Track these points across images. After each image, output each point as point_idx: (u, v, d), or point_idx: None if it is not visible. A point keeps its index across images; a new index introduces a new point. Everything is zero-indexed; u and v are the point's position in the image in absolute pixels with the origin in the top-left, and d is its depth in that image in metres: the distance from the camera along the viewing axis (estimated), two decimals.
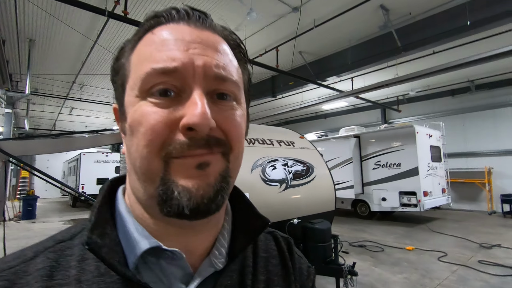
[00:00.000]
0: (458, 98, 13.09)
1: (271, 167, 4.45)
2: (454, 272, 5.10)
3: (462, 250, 6.46)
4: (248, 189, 3.92)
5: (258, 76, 11.46)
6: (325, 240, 3.95)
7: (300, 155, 5.15)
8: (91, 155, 15.74)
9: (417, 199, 9.16)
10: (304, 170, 4.94)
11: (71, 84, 12.23)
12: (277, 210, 4.25)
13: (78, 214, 13.72)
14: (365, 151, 10.81)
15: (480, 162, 12.35)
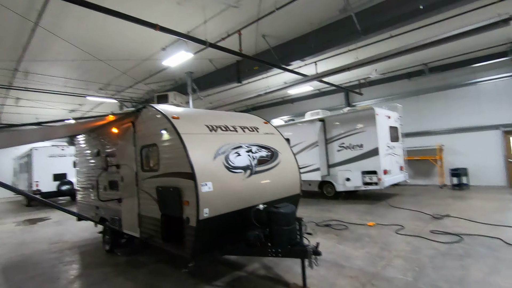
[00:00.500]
0: (414, 81, 13.84)
1: (235, 154, 4.37)
2: (409, 243, 5.50)
3: (416, 222, 6.98)
4: (210, 177, 3.83)
5: (222, 61, 11.15)
6: (290, 223, 4.00)
7: (264, 140, 5.12)
8: (44, 149, 14.52)
9: (378, 177, 9.68)
10: (268, 155, 4.93)
11: (13, 71, 10.99)
12: (243, 197, 4.22)
13: (34, 214, 12.74)
14: (329, 134, 11.12)
15: (433, 140, 13.33)
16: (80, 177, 7.64)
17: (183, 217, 3.83)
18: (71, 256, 6.05)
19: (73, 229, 8.81)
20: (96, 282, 4.56)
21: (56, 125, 8.27)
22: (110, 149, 5.87)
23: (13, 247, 7.08)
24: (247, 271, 4.65)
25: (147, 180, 4.63)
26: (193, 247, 3.70)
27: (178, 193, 3.85)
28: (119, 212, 5.49)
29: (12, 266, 5.66)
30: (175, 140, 3.95)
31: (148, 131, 4.61)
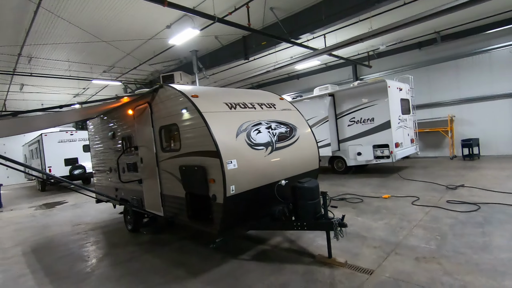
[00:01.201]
0: (425, 51, 13.42)
1: (255, 131, 4.34)
2: (427, 213, 5.56)
3: (431, 193, 7.03)
4: (234, 155, 3.82)
5: (228, 37, 10.84)
6: (314, 197, 4.04)
7: (282, 116, 5.06)
8: (53, 135, 14.58)
9: (390, 150, 9.66)
10: (287, 131, 4.89)
11: (16, 56, 10.81)
12: (265, 174, 4.23)
13: (50, 198, 13.04)
14: (340, 109, 10.98)
15: (443, 112, 13.14)
16: (95, 160, 7.71)
17: (209, 194, 3.87)
18: (96, 237, 6.24)
19: (92, 211, 9.03)
20: (124, 260, 4.72)
21: (69, 109, 8.15)
22: (127, 131, 5.86)
23: (38, 230, 7.31)
24: (271, 245, 4.77)
25: (168, 160, 4.65)
26: (221, 223, 3.77)
27: (203, 172, 3.87)
28: (140, 192, 5.57)
29: (40, 248, 5.86)
30: (197, 119, 3.91)
31: (167, 111, 4.56)
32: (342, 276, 3.52)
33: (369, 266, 3.71)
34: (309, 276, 3.60)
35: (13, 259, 5.31)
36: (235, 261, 4.27)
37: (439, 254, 3.84)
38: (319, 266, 3.85)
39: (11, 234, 7.22)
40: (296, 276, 3.65)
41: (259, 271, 3.87)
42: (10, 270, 4.80)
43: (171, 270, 4.19)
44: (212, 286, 3.60)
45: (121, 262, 4.65)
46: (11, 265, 5.03)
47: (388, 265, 3.70)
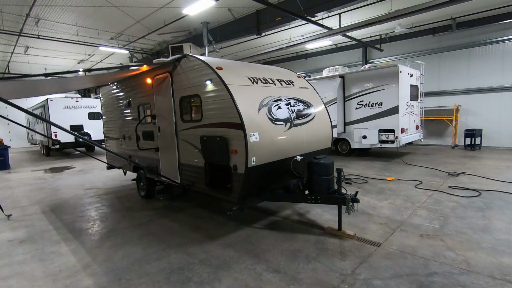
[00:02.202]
0: (438, 37, 13.23)
1: (276, 106, 4.45)
2: (430, 196, 5.83)
3: (433, 178, 7.29)
4: (257, 128, 3.96)
5: (241, 10, 10.61)
6: (329, 173, 4.24)
7: (300, 94, 5.15)
8: (59, 100, 14.53)
9: (395, 135, 9.83)
10: (305, 109, 5.00)
11: (24, 17, 10.57)
12: (284, 148, 4.39)
13: (56, 163, 13.26)
14: (348, 91, 11.00)
15: (450, 100, 13.20)
16: (107, 127, 7.82)
17: (230, 165, 4.05)
18: (110, 201, 6.49)
19: (101, 177, 9.27)
20: (143, 223, 4.97)
21: (83, 75, 8.11)
22: (144, 100, 5.93)
23: (51, 192, 7.55)
24: (281, 217, 5.03)
25: (188, 130, 4.78)
26: (240, 192, 3.97)
27: (225, 143, 4.02)
28: (156, 161, 5.74)
29: (57, 208, 6.11)
30: (222, 91, 3.99)
31: (189, 82, 4.63)
32: (352, 247, 3.79)
33: (376, 239, 3.98)
34: (321, 245, 3.86)
35: (34, 216, 5.57)
36: (249, 229, 4.53)
37: (442, 233, 4.10)
38: (329, 237, 4.11)
39: (26, 194, 7.46)
40: (308, 244, 3.92)
41: (273, 238, 4.14)
42: (33, 225, 5.06)
43: (188, 233, 4.45)
44: (230, 248, 3.87)
45: (140, 224, 4.90)
46: (33, 221, 5.29)
47: (394, 239, 3.96)
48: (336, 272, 3.20)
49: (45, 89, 7.20)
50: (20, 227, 4.99)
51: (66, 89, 9.65)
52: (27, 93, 7.61)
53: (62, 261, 3.70)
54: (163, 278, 3.18)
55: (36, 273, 3.42)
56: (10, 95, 6.67)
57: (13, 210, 6.01)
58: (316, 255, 3.60)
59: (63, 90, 10.29)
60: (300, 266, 3.34)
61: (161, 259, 3.63)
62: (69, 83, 7.46)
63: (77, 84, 7.94)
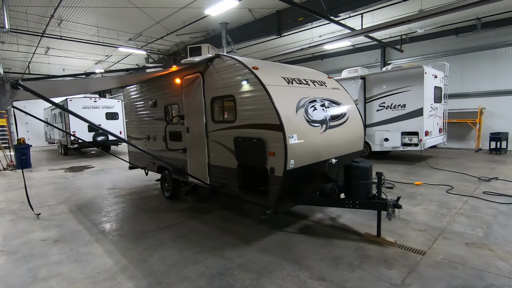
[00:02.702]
0: (462, 38, 12.87)
1: (311, 107, 4.33)
2: (465, 202, 5.59)
3: (464, 183, 7.02)
4: (295, 129, 3.84)
5: (261, 10, 10.53)
6: (368, 177, 4.09)
7: (333, 95, 5.01)
8: (78, 100, 14.75)
9: (419, 138, 9.56)
10: (338, 110, 4.86)
11: (48, 18, 10.74)
12: (319, 151, 4.27)
13: (75, 162, 13.43)
14: (369, 93, 10.77)
15: (473, 103, 12.80)
16: (131, 127, 7.83)
17: (266, 167, 3.94)
18: (134, 201, 6.47)
19: (122, 177, 9.30)
20: (172, 225, 4.91)
21: (109, 76, 8.14)
22: (171, 100, 5.90)
23: (75, 191, 7.60)
24: (313, 221, 4.90)
25: (220, 131, 4.70)
26: (277, 196, 3.86)
27: (262, 144, 3.92)
28: (183, 161, 5.69)
29: (84, 207, 6.12)
30: (259, 92, 3.90)
31: (222, 82, 4.55)
32: (395, 254, 3.62)
33: (419, 247, 3.80)
34: (361, 252, 3.72)
35: (63, 216, 5.58)
36: (282, 233, 4.41)
37: (488, 241, 3.90)
38: (368, 243, 3.96)
39: (51, 192, 7.53)
40: (347, 250, 3.77)
41: (309, 244, 4.01)
42: (63, 225, 5.06)
43: (220, 237, 4.36)
44: (267, 253, 3.76)
45: (169, 226, 4.85)
46: (62, 220, 5.29)
47: (439, 248, 3.78)
48: (384, 281, 3.05)
49: (69, 90, 7.26)
50: (51, 227, 4.99)
51: (90, 89, 9.74)
52: (51, 93, 7.72)
53: (98, 262, 3.65)
54: (205, 284, 3.09)
55: (75, 275, 3.38)
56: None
57: (41, 209, 6.04)
58: (359, 262, 3.46)
59: (87, 90, 10.39)
60: (345, 274, 3.21)
61: (198, 263, 3.55)
62: (94, 84, 7.52)
63: (101, 84, 8.00)
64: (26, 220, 5.41)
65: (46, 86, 6.14)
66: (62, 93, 8.96)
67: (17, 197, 7.14)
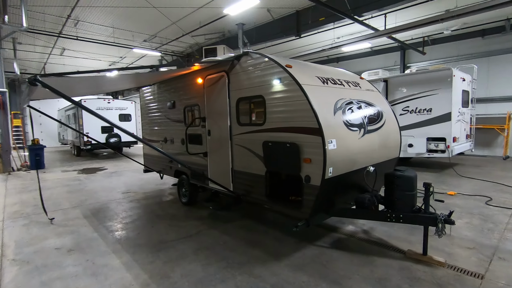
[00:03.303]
0: (488, 39, 12.28)
1: (349, 110, 3.95)
2: (511, 216, 5.09)
3: (502, 194, 6.49)
4: (334, 134, 3.47)
5: (280, 10, 10.23)
6: (414, 188, 3.68)
7: (369, 97, 4.62)
8: (92, 101, 14.71)
9: (446, 145, 9.03)
10: (375, 114, 4.47)
11: (65, 19, 10.68)
12: (357, 158, 3.88)
13: (88, 164, 13.31)
14: (392, 96, 10.29)
15: (501, 108, 12.16)
16: (147, 129, 7.58)
17: (300, 175, 3.57)
18: (150, 207, 6.17)
19: (136, 180, 9.06)
20: (192, 234, 4.58)
21: (125, 74, 7.86)
22: (191, 101, 5.60)
23: (89, 194, 7.37)
24: (345, 233, 4.49)
25: (246, 134, 4.36)
26: (313, 207, 3.49)
27: (296, 150, 3.56)
28: (203, 166, 5.37)
29: (98, 212, 5.85)
30: (295, 92, 3.54)
31: (250, 81, 4.22)
32: (448, 277, 3.19)
33: (474, 269, 3.35)
34: (408, 273, 3.29)
35: (77, 221, 5.32)
36: (313, 247, 4.02)
37: None
38: (415, 263, 3.53)
39: (65, 195, 7.31)
40: (392, 270, 3.36)
41: (346, 261, 3.61)
42: (78, 231, 4.78)
43: (246, 249, 4.00)
44: (301, 271, 3.37)
45: (190, 236, 4.51)
46: (77, 227, 5.02)
47: (497, 270, 3.33)
48: None
49: (84, 89, 7.05)
50: (65, 233, 4.72)
51: (105, 89, 9.54)
52: (66, 93, 7.54)
53: (117, 276, 3.33)
54: None
55: None
56: (51, 93, 6.56)
57: (55, 213, 5.80)
58: (409, 286, 3.04)
59: (102, 90, 10.22)
60: None
61: (227, 281, 3.19)
62: (109, 83, 7.29)
63: (117, 84, 7.75)
64: (39, 225, 5.16)
65: (62, 84, 5.94)
66: (77, 92, 8.79)
67: (31, 200, 6.95)
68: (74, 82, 5.83)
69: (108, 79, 8.21)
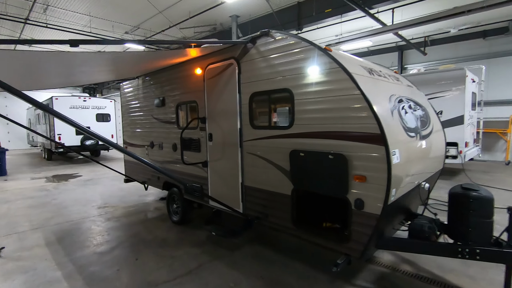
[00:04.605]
0: (490, 41, 11.93)
1: (403, 109, 3.03)
2: None
3: None
4: (397, 142, 2.53)
5: (279, 1, 9.30)
6: (492, 214, 2.80)
7: (413, 95, 3.74)
8: (65, 99, 13.16)
9: (458, 150, 8.41)
10: (425, 115, 3.59)
11: (31, 3, 9.22)
12: (416, 172, 2.96)
13: (59, 169, 11.77)
14: None
15: (502, 111, 11.82)
16: (129, 131, 6.39)
17: (347, 198, 2.60)
18: (133, 228, 5.00)
19: (115, 190, 7.79)
20: (192, 270, 3.49)
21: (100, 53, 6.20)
22: (186, 97, 4.51)
23: (57, 210, 6.07)
24: (386, 265, 3.57)
25: (263, 140, 3.34)
26: (368, 242, 2.52)
27: (343, 164, 2.58)
28: (202, 179, 4.30)
29: (67, 237, 4.63)
30: (342, 83, 2.58)
31: (271, 70, 3.21)
32: None
33: None
34: None
35: (36, 251, 4.08)
36: None
37: None
38: None
39: (26, 211, 5.98)
40: None
41: None
42: (35, 269, 3.57)
43: None
44: None
45: (189, 273, 3.42)
46: (35, 261, 3.79)
47: None
48: None
49: (54, 78, 5.65)
50: (15, 272, 3.50)
51: (79, 73, 8.05)
52: (31, 83, 6.14)
53: None
54: None
55: None
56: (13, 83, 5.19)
57: (8, 238, 4.53)
58: None
59: (75, 79, 8.72)
60: None
61: None
62: (84, 65, 5.89)
63: (93, 65, 6.33)
64: None
65: (20, 63, 4.55)
66: (44, 82, 7.29)
67: None
68: (36, 58, 4.46)
69: (82, 58, 6.73)
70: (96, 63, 4.34)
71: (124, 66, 5.09)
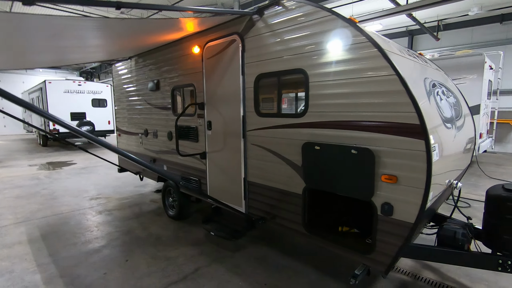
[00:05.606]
0: (508, 25, 11.23)
1: (438, 96, 2.55)
2: None
3: None
4: (437, 135, 2.07)
5: None
6: None
7: (443, 79, 3.25)
8: (58, 83, 12.59)
9: None
10: (457, 103, 3.11)
11: None
12: (450, 169, 2.52)
13: (54, 156, 11.36)
14: None
15: None
16: (122, 118, 5.92)
17: (373, 202, 2.17)
18: (127, 223, 4.61)
19: (110, 179, 7.39)
20: (188, 275, 3.11)
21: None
22: (184, 80, 4.02)
23: (46, 201, 5.68)
24: (403, 272, 3.18)
25: (271, 130, 2.88)
26: (396, 253, 2.10)
27: (369, 160, 2.13)
28: (200, 172, 3.87)
29: (52, 233, 4.24)
30: (372, 62, 2.09)
31: (282, 47, 2.71)
32: None
33: None
34: None
35: (16, 250, 3.70)
36: None
37: None
38: None
39: (12, 202, 5.59)
40: None
41: None
42: (11, 271, 3.19)
43: None
44: None
45: (184, 278, 3.04)
46: (13, 261, 3.41)
47: None
48: None
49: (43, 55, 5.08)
50: None
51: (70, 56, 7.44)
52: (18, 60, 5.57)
53: None
54: None
55: None
56: None
57: None
58: None
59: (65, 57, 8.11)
60: None
61: None
62: (75, 29, 5.40)
63: (84, 34, 5.79)
64: None
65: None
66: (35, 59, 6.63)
67: None
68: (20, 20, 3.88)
69: (71, 23, 6.12)
70: (81, 33, 3.78)
71: (114, 40, 4.53)
